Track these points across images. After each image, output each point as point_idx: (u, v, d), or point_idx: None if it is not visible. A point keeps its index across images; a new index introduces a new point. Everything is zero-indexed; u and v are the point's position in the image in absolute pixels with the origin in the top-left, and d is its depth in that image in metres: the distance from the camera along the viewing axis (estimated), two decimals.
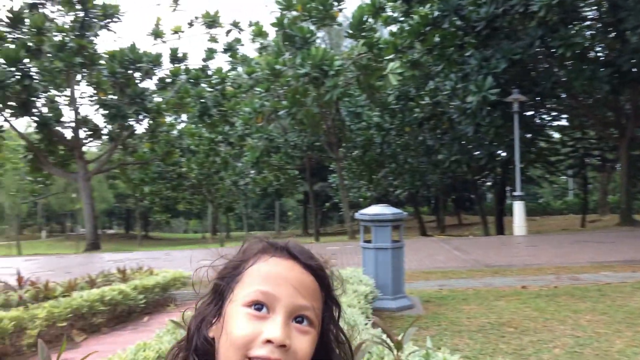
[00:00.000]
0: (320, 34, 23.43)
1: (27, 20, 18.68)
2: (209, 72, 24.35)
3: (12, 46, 18.27)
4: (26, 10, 18.93)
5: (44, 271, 11.26)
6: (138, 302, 6.11)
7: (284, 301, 0.77)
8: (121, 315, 6.06)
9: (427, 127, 20.81)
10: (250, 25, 22.63)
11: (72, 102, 21.55)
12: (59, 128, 21.54)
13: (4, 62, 17.63)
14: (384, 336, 1.84)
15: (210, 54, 24.82)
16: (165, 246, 29.02)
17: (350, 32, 17.86)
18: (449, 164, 19.34)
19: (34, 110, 19.72)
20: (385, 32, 20.14)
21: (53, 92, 21.29)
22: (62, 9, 19.81)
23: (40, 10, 19.54)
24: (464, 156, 18.89)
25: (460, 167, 20.03)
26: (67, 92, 21.54)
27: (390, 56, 16.65)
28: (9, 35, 18.93)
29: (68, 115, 22.07)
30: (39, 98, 19.83)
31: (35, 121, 20.18)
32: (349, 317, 2.85)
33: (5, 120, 20.21)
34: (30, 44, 18.37)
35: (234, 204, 34.63)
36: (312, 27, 17.13)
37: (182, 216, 54.35)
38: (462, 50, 16.35)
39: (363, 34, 17.15)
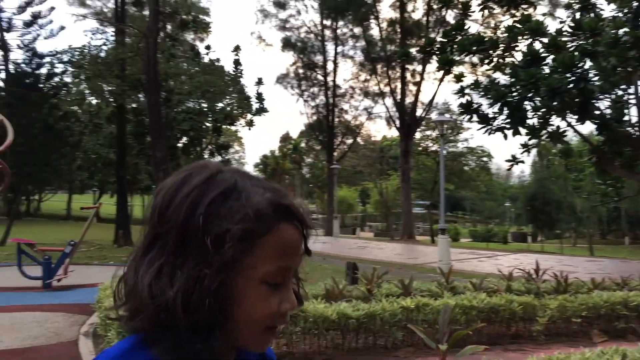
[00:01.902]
0: None
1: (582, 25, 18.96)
2: None
3: (569, 53, 18.95)
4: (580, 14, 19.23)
5: (598, 272, 11.12)
6: None
7: (292, 270, 0.76)
8: None
9: None
10: None
11: (639, 100, 20.25)
12: (624, 128, 20.67)
13: (560, 69, 18.48)
14: None
15: None
16: None
17: None
18: None
19: (594, 112, 19.72)
20: None
21: (617, 91, 20.65)
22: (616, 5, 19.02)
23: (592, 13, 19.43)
24: None
25: None
26: (631, 89, 20.42)
27: None
28: (569, 44, 19.75)
29: (634, 113, 20.86)
30: (599, 99, 19.66)
31: (596, 123, 20.13)
32: None
33: (569, 125, 21.07)
34: (586, 46, 18.56)
35: None
36: None
37: None
38: None
39: None
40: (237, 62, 32.35)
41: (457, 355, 2.51)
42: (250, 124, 30.12)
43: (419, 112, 35.43)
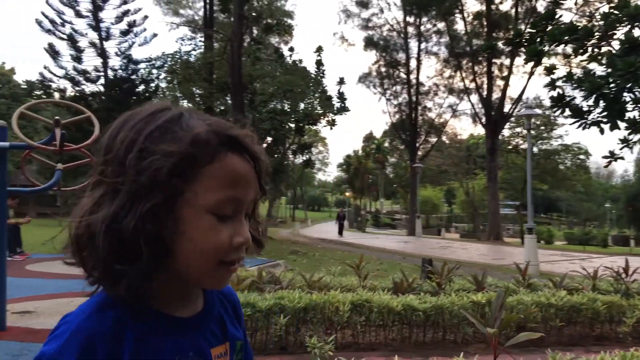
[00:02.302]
0: None
1: None
2: None
3: None
4: None
5: None
6: None
7: (245, 202, 0.75)
8: None
9: None
10: None
11: None
12: None
13: None
14: None
15: None
16: None
17: None
18: None
19: None
20: None
21: None
22: None
23: None
24: None
25: None
26: None
27: None
28: None
29: None
30: None
31: None
32: None
33: None
34: None
35: None
36: None
37: None
38: None
39: None
40: (319, 63, 32.76)
41: (510, 341, 2.38)
42: (332, 123, 30.39)
43: (507, 108, 33.94)
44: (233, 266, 0.74)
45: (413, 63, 42.17)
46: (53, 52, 18.69)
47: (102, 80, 18.78)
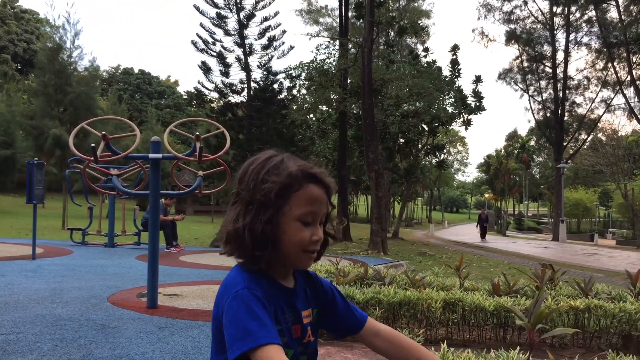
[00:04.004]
0: None
1: None
2: None
3: None
4: None
5: None
6: None
7: (319, 215, 1.19)
8: None
9: None
10: None
11: None
12: None
13: None
14: None
15: None
16: None
17: None
18: None
19: None
20: None
21: None
22: None
23: None
24: None
25: None
26: None
27: None
28: None
29: None
30: None
31: None
32: None
33: None
34: None
35: None
36: None
37: None
38: None
39: None
40: (454, 62, 32.19)
41: (545, 334, 2.61)
42: (467, 123, 29.71)
43: None
44: (312, 254, 1.19)
45: (560, 56, 39.48)
46: (205, 69, 21.01)
47: (245, 92, 20.65)
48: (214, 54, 20.68)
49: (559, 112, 38.16)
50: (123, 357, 3.95)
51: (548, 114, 40.06)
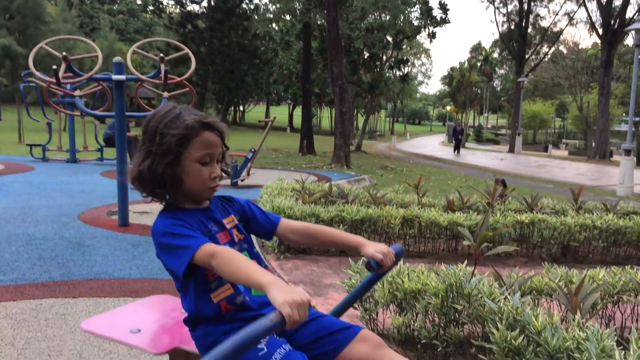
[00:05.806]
0: None
1: None
2: None
3: None
4: None
5: None
6: None
7: (215, 155, 1.47)
8: None
9: None
10: None
11: None
12: None
13: None
14: None
15: None
16: None
17: None
18: None
19: None
20: None
21: None
22: None
23: None
24: None
25: None
26: None
27: None
28: None
29: None
30: None
31: None
32: None
33: None
34: None
35: None
36: None
37: None
38: None
39: None
40: None
41: (487, 252, 2.96)
42: (431, 36, 29.44)
43: (630, 15, 30.51)
44: (215, 188, 1.50)
45: None
46: None
47: (205, 2, 19.74)
48: None
49: (523, 24, 38.10)
50: (102, 273, 4.19)
51: (512, 27, 39.98)
